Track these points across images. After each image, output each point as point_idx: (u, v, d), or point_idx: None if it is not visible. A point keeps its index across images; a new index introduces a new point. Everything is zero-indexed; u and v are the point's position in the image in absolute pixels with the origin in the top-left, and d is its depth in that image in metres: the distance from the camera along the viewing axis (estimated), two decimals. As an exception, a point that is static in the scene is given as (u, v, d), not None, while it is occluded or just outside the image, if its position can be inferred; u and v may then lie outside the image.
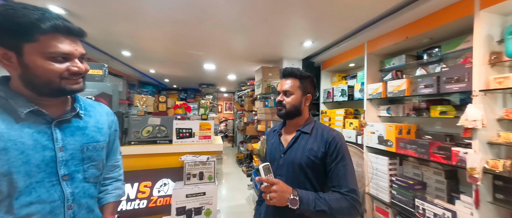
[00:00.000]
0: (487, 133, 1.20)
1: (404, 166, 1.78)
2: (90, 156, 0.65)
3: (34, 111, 0.55)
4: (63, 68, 0.54)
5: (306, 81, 0.92)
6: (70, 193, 0.59)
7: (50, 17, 0.51)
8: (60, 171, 0.58)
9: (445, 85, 1.40)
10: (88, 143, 0.65)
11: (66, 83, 0.56)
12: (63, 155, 0.59)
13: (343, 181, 0.78)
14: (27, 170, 0.53)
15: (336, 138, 0.83)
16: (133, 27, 1.96)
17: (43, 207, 0.54)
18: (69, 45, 0.55)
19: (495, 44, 1.22)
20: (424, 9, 1.43)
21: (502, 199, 1.16)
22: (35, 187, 0.54)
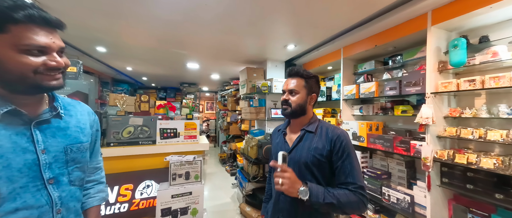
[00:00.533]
0: (436, 128, 1.45)
1: (374, 158, 2.02)
2: (74, 158, 0.62)
3: (10, 111, 0.51)
4: (38, 63, 0.49)
5: (312, 81, 0.92)
6: (57, 197, 0.56)
7: (23, 6, 0.46)
8: (45, 174, 0.55)
9: (405, 88, 1.64)
10: (71, 144, 0.61)
11: (42, 79, 0.51)
12: (46, 158, 0.55)
13: (350, 178, 0.79)
14: (9, 175, 0.49)
15: (340, 136, 0.84)
16: (112, 23, 1.85)
17: (31, 212, 0.51)
18: (46, 37, 0.50)
19: (442, 55, 1.48)
20: (389, 22, 1.65)
21: (447, 182, 1.41)
22: (20, 193, 0.50)
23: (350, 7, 1.52)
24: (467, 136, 1.30)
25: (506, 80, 1.15)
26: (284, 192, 0.77)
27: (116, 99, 1.92)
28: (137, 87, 5.60)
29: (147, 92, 5.35)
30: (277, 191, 0.90)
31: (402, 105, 1.76)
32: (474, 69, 1.40)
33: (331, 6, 1.50)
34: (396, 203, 1.64)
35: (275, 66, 3.00)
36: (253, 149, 2.44)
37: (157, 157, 1.79)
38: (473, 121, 1.44)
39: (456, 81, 1.35)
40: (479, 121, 1.41)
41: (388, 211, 1.79)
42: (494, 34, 1.36)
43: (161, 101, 2.27)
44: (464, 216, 1.35)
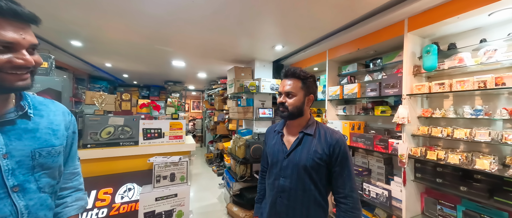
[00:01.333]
0: (411, 127, 1.57)
1: (356, 156, 2.13)
2: (42, 163, 0.56)
3: None
4: (3, 60, 0.44)
5: (309, 81, 0.88)
6: (24, 206, 0.51)
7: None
8: (7, 181, 0.49)
9: (384, 89, 1.75)
10: (40, 147, 0.55)
11: (5, 78, 0.46)
12: (8, 163, 0.50)
13: (347, 182, 0.82)
14: None
15: (339, 141, 0.84)
16: (89, 15, 1.72)
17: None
18: (14, 32, 0.45)
19: (417, 59, 1.59)
20: (370, 27, 1.74)
21: (420, 177, 1.53)
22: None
23: (334, 11, 1.58)
24: (437, 134, 1.42)
25: (470, 84, 1.28)
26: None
27: (93, 98, 1.79)
28: (117, 85, 5.29)
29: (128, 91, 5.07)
30: (275, 193, 0.91)
31: (382, 106, 1.87)
32: (443, 73, 1.54)
33: (317, 9, 1.54)
34: (375, 197, 1.75)
35: (263, 66, 3.01)
36: (241, 149, 2.44)
37: (139, 159, 1.71)
38: (442, 120, 1.58)
39: (428, 84, 1.46)
40: (447, 121, 1.55)
41: (369, 206, 1.90)
42: (460, 42, 1.50)
43: (144, 100, 2.17)
44: (434, 207, 1.48)
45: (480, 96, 1.42)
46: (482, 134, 1.24)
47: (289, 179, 0.87)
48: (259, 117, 2.71)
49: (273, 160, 0.94)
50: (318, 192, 0.86)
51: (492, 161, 1.17)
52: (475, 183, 1.27)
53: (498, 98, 1.35)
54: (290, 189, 0.86)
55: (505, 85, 1.15)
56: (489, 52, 1.26)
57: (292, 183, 0.86)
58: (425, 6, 1.40)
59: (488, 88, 1.21)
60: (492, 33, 1.36)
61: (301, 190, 0.85)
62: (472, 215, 1.29)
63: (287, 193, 0.87)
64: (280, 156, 0.91)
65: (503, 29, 1.31)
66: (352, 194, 0.82)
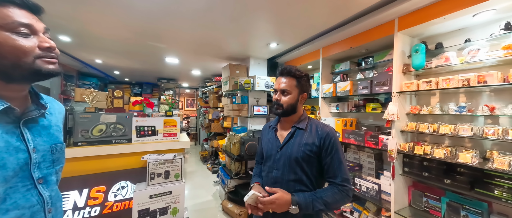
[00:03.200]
0: (400, 124, 1.63)
1: (348, 152, 2.19)
2: (58, 158, 0.60)
3: (5, 108, 0.48)
4: (32, 44, 0.48)
5: (303, 80, 0.92)
6: (48, 197, 0.55)
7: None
8: (34, 174, 0.53)
9: (375, 87, 1.80)
10: (55, 143, 0.59)
11: (41, 63, 0.49)
12: (36, 157, 0.53)
13: (338, 172, 0.85)
14: (5, 175, 0.47)
15: (329, 133, 0.88)
16: (78, 9, 1.67)
17: (22, 213, 0.49)
18: (26, 17, 0.49)
19: (406, 58, 1.65)
20: (362, 26, 1.78)
21: (408, 171, 1.60)
22: (9, 193, 0.48)
23: (327, 10, 1.60)
24: (424, 130, 1.49)
25: (455, 82, 1.34)
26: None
27: (84, 95, 1.75)
28: (107, 81, 5.14)
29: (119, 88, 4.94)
30: (268, 185, 0.94)
31: (373, 103, 1.93)
32: (431, 71, 1.60)
33: (310, 7, 1.56)
34: (366, 191, 1.81)
35: (258, 64, 3.02)
36: (236, 146, 2.45)
37: (133, 156, 1.69)
38: (429, 117, 1.65)
39: (417, 82, 1.52)
40: (434, 117, 1.62)
41: (360, 200, 1.96)
42: (447, 41, 1.56)
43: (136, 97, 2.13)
44: (421, 200, 1.55)
45: (464, 93, 1.49)
46: (465, 129, 1.31)
47: (281, 170, 0.91)
48: (254, 114, 2.72)
49: (267, 153, 0.99)
50: (309, 182, 0.89)
51: (473, 155, 1.24)
52: (458, 176, 1.35)
53: (480, 95, 1.42)
54: (282, 180, 0.90)
55: (487, 83, 1.22)
56: (472, 52, 1.33)
57: (284, 174, 0.90)
58: (414, 7, 1.44)
59: (471, 86, 1.28)
60: (476, 34, 1.43)
61: (292, 181, 0.89)
62: (455, 206, 1.37)
63: (279, 184, 0.90)
64: (274, 149, 0.96)
65: (486, 29, 1.38)
66: (344, 183, 0.85)
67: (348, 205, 1.98)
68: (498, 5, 1.19)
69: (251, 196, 0.84)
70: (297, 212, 0.80)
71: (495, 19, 1.32)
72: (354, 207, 1.95)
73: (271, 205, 0.81)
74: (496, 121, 1.33)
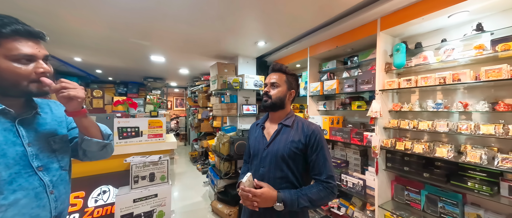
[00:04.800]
0: (383, 121, 1.68)
1: (335, 149, 2.23)
2: (60, 147, 0.71)
3: (1, 110, 0.60)
4: (29, 70, 0.59)
5: (292, 78, 0.98)
6: (49, 181, 0.66)
7: (9, 22, 0.56)
8: (33, 163, 0.64)
9: (360, 85, 1.85)
10: (53, 136, 0.70)
11: (34, 86, 0.60)
12: (32, 150, 0.64)
13: (323, 169, 0.86)
14: (6, 162, 0.59)
15: (315, 131, 0.90)
16: (51, 3, 1.56)
17: (27, 192, 0.61)
18: (31, 47, 0.59)
19: (388, 57, 1.70)
20: (347, 26, 1.81)
21: (390, 166, 1.66)
22: (15, 177, 0.60)
23: (312, 9, 1.61)
24: (405, 126, 1.55)
25: (432, 80, 1.40)
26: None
27: (60, 95, 1.64)
28: (89, 81, 4.89)
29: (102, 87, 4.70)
30: None
31: (358, 101, 1.98)
32: (411, 70, 1.67)
33: (295, 6, 1.57)
34: (352, 187, 1.86)
35: (246, 62, 3.00)
36: (225, 146, 2.42)
37: (115, 159, 1.62)
38: (409, 113, 1.72)
39: (398, 80, 1.58)
40: (414, 114, 1.69)
41: (346, 195, 2.01)
42: (425, 41, 1.63)
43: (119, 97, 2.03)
44: (402, 193, 1.62)
45: (441, 91, 1.57)
46: (441, 125, 1.38)
47: (267, 167, 0.92)
48: (243, 113, 2.71)
49: (254, 152, 1.00)
50: (295, 179, 0.90)
51: (449, 149, 1.31)
52: (436, 169, 1.42)
53: (455, 93, 1.50)
54: (268, 177, 0.91)
55: (461, 81, 1.29)
56: (448, 51, 1.39)
57: (270, 171, 0.91)
58: (395, 7, 1.49)
59: (447, 84, 1.34)
60: (451, 34, 1.50)
61: (278, 178, 0.90)
62: (433, 198, 1.44)
63: (266, 181, 0.90)
64: (261, 147, 0.96)
65: (460, 30, 1.45)
66: (329, 180, 0.86)
67: (336, 201, 2.03)
68: (471, 7, 1.26)
69: (249, 177, 0.84)
70: (282, 209, 0.81)
71: (468, 20, 1.40)
72: (341, 202, 1.99)
73: (256, 198, 0.81)
74: (469, 116, 1.41)
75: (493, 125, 1.19)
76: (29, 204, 0.61)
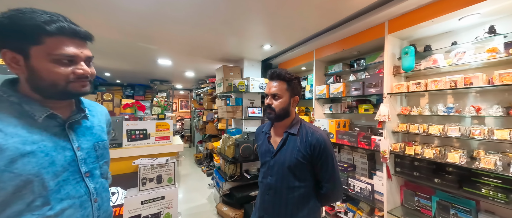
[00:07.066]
0: (391, 124, 1.66)
1: (341, 153, 2.21)
2: (102, 154, 0.70)
3: (49, 115, 0.58)
4: (68, 71, 0.55)
5: (294, 83, 0.91)
6: (93, 188, 0.64)
7: (56, 20, 0.53)
8: (82, 168, 0.62)
9: (367, 89, 1.83)
10: (98, 141, 0.69)
11: (72, 86, 0.57)
12: (81, 154, 0.63)
13: (330, 176, 0.89)
14: (54, 170, 0.56)
15: (319, 139, 0.87)
16: (62, 8, 1.61)
17: (74, 201, 0.59)
18: (75, 47, 0.56)
19: (396, 60, 1.68)
20: (354, 29, 1.80)
21: (399, 171, 1.63)
22: (63, 185, 0.57)
23: (319, 12, 1.61)
24: (414, 130, 1.52)
25: (443, 84, 1.38)
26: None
27: (72, 99, 1.69)
28: (98, 84, 5.00)
29: (110, 90, 4.81)
30: (263, 191, 0.96)
31: (365, 104, 1.96)
32: (420, 73, 1.64)
33: (302, 10, 1.57)
34: (359, 192, 1.83)
35: (252, 65, 3.01)
36: (230, 148, 2.43)
37: (123, 161, 1.64)
38: (419, 117, 1.68)
39: (407, 84, 1.55)
40: (424, 118, 1.66)
41: (353, 200, 1.98)
42: (435, 44, 1.60)
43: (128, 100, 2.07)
44: (412, 199, 1.58)
45: (452, 95, 1.54)
46: (453, 130, 1.35)
47: (275, 177, 0.91)
48: (248, 116, 2.71)
49: (262, 160, 1.00)
50: (304, 187, 0.90)
51: (461, 155, 1.27)
52: (447, 175, 1.38)
53: (467, 96, 1.46)
54: (275, 187, 0.91)
55: (473, 85, 1.26)
56: (459, 54, 1.37)
57: (278, 181, 0.91)
58: (403, 10, 1.48)
59: (458, 88, 1.31)
60: (462, 37, 1.47)
61: (285, 188, 0.90)
62: (444, 204, 1.40)
63: (273, 190, 0.91)
64: (267, 156, 0.96)
65: (472, 33, 1.42)
66: (335, 186, 0.88)
67: (342, 206, 1.99)
68: (482, 10, 1.23)
69: None
70: None
71: (480, 23, 1.37)
72: (348, 207, 1.96)
73: None
74: (482, 121, 1.37)
75: (508, 130, 1.15)
76: (74, 214, 0.58)
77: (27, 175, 0.51)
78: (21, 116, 0.55)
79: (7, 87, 0.56)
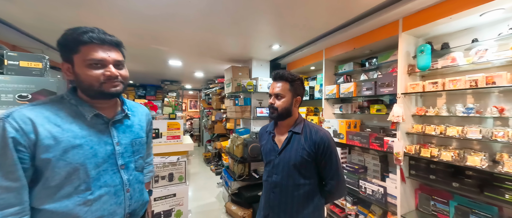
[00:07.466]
0: (406, 125, 1.60)
1: (352, 154, 2.16)
2: (138, 149, 0.79)
3: (96, 114, 0.69)
4: (99, 74, 0.64)
5: (296, 83, 0.95)
6: (127, 179, 0.73)
7: (88, 31, 0.63)
8: (118, 161, 0.72)
9: (380, 88, 1.77)
10: (135, 138, 0.78)
11: (105, 87, 0.66)
12: (119, 149, 0.72)
13: (334, 173, 0.93)
14: (96, 161, 0.66)
15: (323, 138, 0.91)
16: (82, 14, 1.70)
17: (109, 189, 0.68)
18: (103, 52, 0.65)
19: (411, 59, 1.62)
20: (366, 27, 1.76)
21: (414, 174, 1.57)
22: (103, 174, 0.68)
23: (329, 11, 1.59)
24: (431, 132, 1.46)
25: (462, 83, 1.31)
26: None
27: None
28: (114, 84, 5.20)
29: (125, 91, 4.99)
30: (269, 189, 0.98)
31: (377, 104, 1.90)
32: (436, 72, 1.57)
33: (312, 9, 1.55)
34: (371, 194, 1.78)
35: (260, 65, 3.02)
36: (239, 148, 2.45)
37: (137, 159, 1.70)
38: (435, 118, 1.61)
39: (422, 83, 1.49)
40: (440, 119, 1.59)
41: (364, 202, 1.93)
42: (453, 41, 1.53)
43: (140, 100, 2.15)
44: (428, 203, 1.52)
45: (472, 94, 1.46)
46: (473, 132, 1.28)
47: (280, 175, 0.94)
48: (257, 116, 2.72)
49: (266, 159, 1.02)
50: (309, 184, 0.93)
51: (483, 158, 1.21)
52: (467, 179, 1.32)
53: (489, 96, 1.38)
54: (281, 185, 0.94)
55: (495, 84, 1.19)
56: (480, 52, 1.30)
57: (283, 178, 0.94)
58: (419, 7, 1.42)
59: (479, 87, 1.24)
60: (484, 33, 1.40)
61: (291, 185, 0.93)
62: (464, 210, 1.33)
63: (278, 188, 0.94)
64: (272, 155, 0.99)
65: (494, 29, 1.35)
66: (339, 183, 0.93)
67: (353, 208, 1.95)
68: (506, 4, 1.16)
69: None
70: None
71: (504, 18, 1.29)
72: (359, 210, 1.92)
73: None
74: (506, 122, 1.29)
75: (535, 132, 1.08)
76: (109, 200, 0.68)
77: (75, 163, 0.62)
78: (76, 115, 0.67)
79: (70, 92, 0.69)
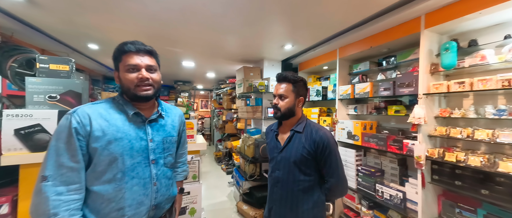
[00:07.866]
0: (428, 128, 1.52)
1: (367, 156, 2.08)
2: (168, 147, 0.86)
3: (136, 113, 0.79)
4: (134, 77, 0.74)
5: (299, 84, 1.00)
6: (155, 174, 0.80)
7: (128, 43, 0.75)
8: (150, 156, 0.79)
9: (398, 88, 1.69)
10: (167, 136, 0.86)
11: (138, 90, 0.76)
12: (152, 145, 0.80)
13: (334, 171, 0.96)
14: (132, 153, 0.74)
15: (323, 137, 0.95)
16: (103, 19, 1.79)
17: (139, 181, 0.75)
18: (137, 58, 0.75)
19: (434, 57, 1.53)
20: (384, 25, 1.69)
21: (437, 179, 1.48)
22: (136, 166, 0.75)
23: (345, 9, 1.54)
24: (456, 135, 1.37)
25: (493, 83, 1.22)
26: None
27: (110, 99, 1.86)
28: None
29: (140, 91, 5.19)
30: (272, 184, 1.04)
31: (395, 105, 1.82)
32: (463, 71, 1.47)
33: (327, 7, 1.52)
34: (389, 199, 1.71)
35: (272, 66, 3.00)
36: (250, 148, 2.45)
37: (154, 158, 1.76)
38: (461, 120, 1.51)
39: (447, 83, 1.40)
40: (467, 121, 1.48)
41: (381, 207, 1.86)
42: (482, 38, 1.42)
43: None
44: (452, 211, 1.43)
45: (504, 95, 1.35)
46: (505, 135, 1.18)
47: (282, 171, 1.00)
48: (268, 116, 2.71)
49: (270, 155, 1.09)
50: (309, 181, 0.98)
51: (517, 164, 1.11)
52: (498, 186, 1.22)
53: (524, 97, 1.27)
54: (282, 180, 1.00)
55: (533, 84, 1.09)
56: (514, 49, 1.19)
57: (284, 174, 0.99)
58: (444, 2, 1.34)
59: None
60: (518, 29, 1.29)
61: (291, 181, 0.98)
62: (494, 219, 1.24)
63: (280, 183, 1.01)
64: (275, 152, 1.05)
65: (531, 24, 1.23)
66: (338, 181, 0.96)
67: (369, 212, 1.88)
68: (546, -4, 1.06)
69: None
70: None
71: (542, 12, 1.18)
72: (375, 215, 1.85)
73: None
74: (545, 126, 1.18)
75: None
76: (138, 191, 0.75)
77: (115, 154, 0.71)
78: (121, 112, 0.77)
79: (119, 95, 0.81)
